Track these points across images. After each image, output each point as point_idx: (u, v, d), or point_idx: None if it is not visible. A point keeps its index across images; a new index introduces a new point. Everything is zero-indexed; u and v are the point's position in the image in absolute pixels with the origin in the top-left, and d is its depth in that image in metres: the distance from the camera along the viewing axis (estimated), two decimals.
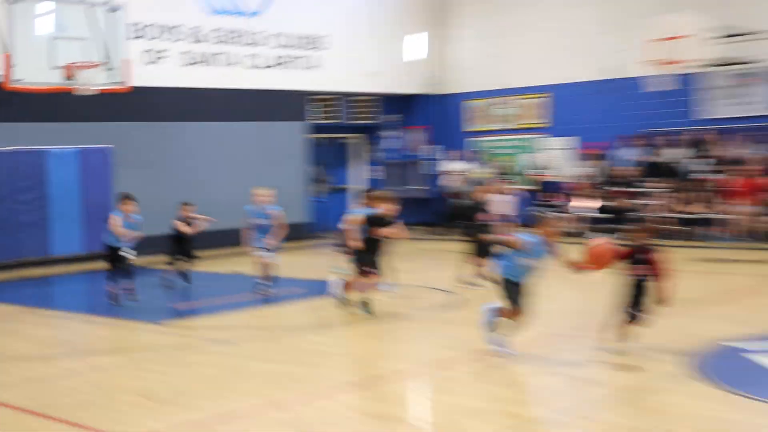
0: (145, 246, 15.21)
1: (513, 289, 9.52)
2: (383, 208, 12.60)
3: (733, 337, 10.30)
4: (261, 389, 9.09)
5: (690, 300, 9.85)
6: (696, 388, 8.46)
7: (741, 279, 9.20)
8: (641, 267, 9.43)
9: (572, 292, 13.15)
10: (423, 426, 8.03)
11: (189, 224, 16.03)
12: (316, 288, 15.07)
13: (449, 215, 25.02)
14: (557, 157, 24.69)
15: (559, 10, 24.66)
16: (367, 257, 12.57)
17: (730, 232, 19.85)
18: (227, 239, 18.19)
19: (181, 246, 16.12)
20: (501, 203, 15.60)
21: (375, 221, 12.47)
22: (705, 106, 22.21)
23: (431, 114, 27.56)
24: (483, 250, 14.77)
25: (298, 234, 19.00)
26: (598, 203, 21.81)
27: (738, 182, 19.87)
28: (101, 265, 15.03)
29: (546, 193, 23.39)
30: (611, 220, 21.00)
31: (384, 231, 12.51)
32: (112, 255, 14.24)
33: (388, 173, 27.35)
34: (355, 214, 13.04)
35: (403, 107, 27.66)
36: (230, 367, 10.22)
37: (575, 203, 22.33)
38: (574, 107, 24.49)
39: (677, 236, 19.76)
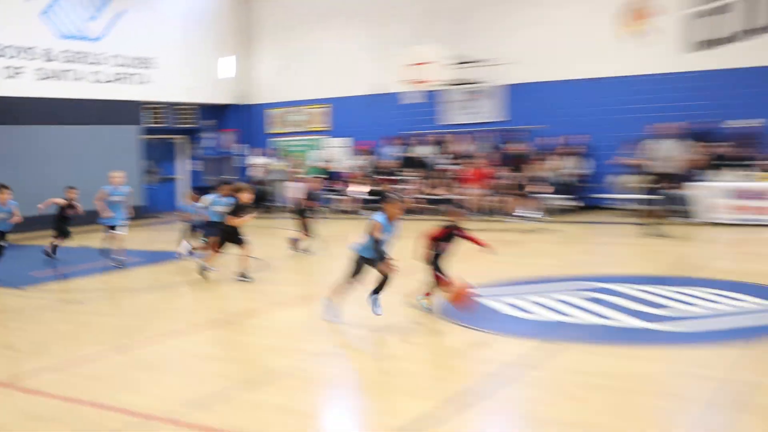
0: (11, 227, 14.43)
1: (361, 264, 8.85)
2: (243, 198, 12.45)
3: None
4: (106, 338, 8.95)
5: None
6: (441, 326, 8.86)
7: None
8: (449, 243, 9.30)
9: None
10: (234, 360, 8.14)
11: (72, 206, 15.35)
12: (152, 257, 14.83)
13: (256, 199, 24.99)
14: (337, 153, 25.06)
15: (338, 40, 25.01)
16: (233, 236, 12.49)
17: (465, 209, 20.66)
18: (79, 220, 17.54)
19: (61, 224, 15.45)
20: (297, 189, 15.82)
21: (238, 208, 12.35)
22: (445, 115, 23.09)
23: (240, 119, 27.39)
24: (306, 227, 15.24)
25: (134, 215, 18.48)
26: (368, 188, 22.29)
27: (469, 171, 20.71)
28: None
29: (330, 180, 23.68)
30: (378, 200, 21.45)
31: (246, 216, 12.43)
32: None
33: (206, 166, 27.04)
34: (224, 203, 12.84)
35: (217, 114, 27.36)
36: (80, 322, 10.00)
37: (351, 188, 22.73)
38: (349, 115, 24.92)
39: (426, 212, 20.48)
